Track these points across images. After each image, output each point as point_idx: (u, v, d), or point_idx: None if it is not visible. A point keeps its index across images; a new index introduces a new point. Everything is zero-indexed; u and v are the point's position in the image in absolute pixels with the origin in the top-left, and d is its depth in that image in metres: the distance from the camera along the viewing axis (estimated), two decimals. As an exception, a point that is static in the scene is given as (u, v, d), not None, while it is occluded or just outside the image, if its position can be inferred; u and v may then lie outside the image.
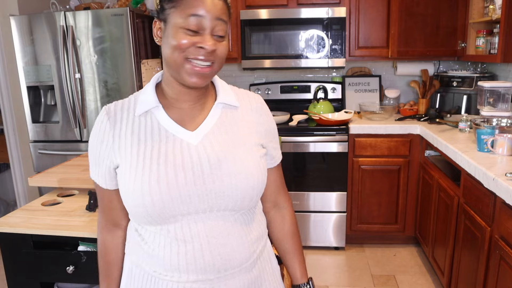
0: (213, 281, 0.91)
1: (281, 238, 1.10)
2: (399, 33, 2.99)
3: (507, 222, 1.62)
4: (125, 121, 0.92)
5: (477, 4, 2.83)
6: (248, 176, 0.90)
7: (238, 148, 0.92)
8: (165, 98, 0.95)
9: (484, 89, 2.40)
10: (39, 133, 3.02)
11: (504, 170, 1.75)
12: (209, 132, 0.92)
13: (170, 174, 0.86)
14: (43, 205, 1.69)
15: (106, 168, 0.94)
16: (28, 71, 2.91)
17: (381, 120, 3.04)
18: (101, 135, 0.93)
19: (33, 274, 1.52)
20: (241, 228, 0.94)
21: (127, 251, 1.01)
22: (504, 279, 1.64)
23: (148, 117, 0.92)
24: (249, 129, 0.97)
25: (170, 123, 0.92)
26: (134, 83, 2.81)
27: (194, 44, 0.84)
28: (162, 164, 0.87)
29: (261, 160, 0.96)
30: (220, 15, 0.85)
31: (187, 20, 0.83)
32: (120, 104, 0.96)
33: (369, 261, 2.94)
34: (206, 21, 0.84)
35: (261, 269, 1.01)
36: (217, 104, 0.96)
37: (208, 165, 0.88)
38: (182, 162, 0.88)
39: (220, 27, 0.86)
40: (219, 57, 0.87)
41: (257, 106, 1.01)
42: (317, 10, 2.97)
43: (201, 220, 0.89)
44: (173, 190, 0.86)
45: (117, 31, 2.75)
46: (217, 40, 0.86)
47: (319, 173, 2.96)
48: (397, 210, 3.00)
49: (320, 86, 3.31)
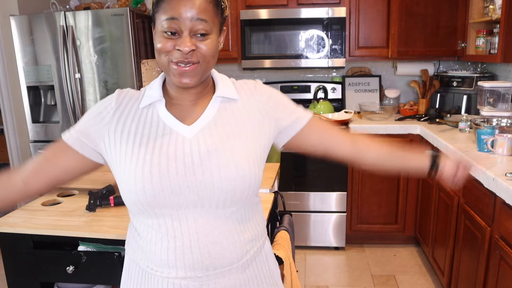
0: (201, 278, 0.91)
1: (375, 157, 1.07)
2: (399, 33, 2.99)
3: (507, 222, 1.62)
4: (129, 108, 0.96)
5: (477, 4, 2.83)
6: (237, 167, 0.90)
7: (232, 139, 0.93)
8: (168, 95, 0.98)
9: (484, 89, 2.40)
10: (39, 133, 3.02)
11: (504, 170, 1.75)
12: (205, 126, 0.93)
13: (162, 164, 0.88)
14: (43, 205, 1.69)
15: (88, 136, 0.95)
16: (28, 71, 2.91)
17: (381, 120, 3.04)
18: (102, 108, 0.96)
19: (33, 274, 1.52)
20: (233, 227, 0.94)
21: (126, 248, 1.02)
22: (504, 279, 1.64)
23: (150, 110, 0.95)
24: (250, 118, 0.97)
25: (169, 117, 0.94)
26: (134, 83, 2.81)
27: (174, 47, 0.86)
28: (156, 155, 0.89)
29: (258, 151, 0.95)
30: (199, 15, 0.85)
31: (165, 24, 0.85)
32: (131, 92, 1.00)
33: (369, 261, 2.94)
34: (183, 23, 0.85)
35: (256, 271, 1.00)
36: (215, 98, 0.97)
37: (198, 157, 0.89)
38: (175, 154, 0.90)
39: (201, 26, 0.85)
40: (204, 55, 0.87)
41: (254, 90, 1.01)
42: (317, 10, 2.97)
43: (192, 216, 0.90)
44: (164, 180, 0.87)
45: (117, 31, 2.75)
46: (198, 39, 0.86)
47: (319, 173, 2.96)
48: (397, 210, 3.00)
49: (320, 86, 3.31)
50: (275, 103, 1.01)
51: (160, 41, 0.87)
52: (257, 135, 0.96)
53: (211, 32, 0.88)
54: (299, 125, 1.01)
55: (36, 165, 0.98)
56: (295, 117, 1.02)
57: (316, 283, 2.66)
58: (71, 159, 0.97)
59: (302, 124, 1.02)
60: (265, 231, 1.05)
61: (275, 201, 1.85)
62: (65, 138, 0.97)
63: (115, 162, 0.93)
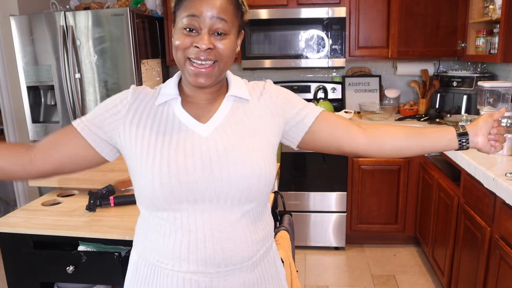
0: (212, 274, 0.92)
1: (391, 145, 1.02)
2: (399, 33, 2.99)
3: (507, 222, 1.62)
4: (145, 104, 0.97)
5: (477, 4, 2.83)
6: (254, 165, 0.91)
7: (247, 138, 0.94)
8: (183, 93, 0.99)
9: (484, 89, 2.40)
10: (39, 133, 3.01)
11: (504, 170, 1.75)
12: (219, 125, 0.94)
13: (180, 160, 0.89)
14: (43, 205, 1.69)
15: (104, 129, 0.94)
16: (28, 71, 2.91)
17: (381, 120, 3.04)
18: (118, 102, 0.97)
19: (33, 274, 1.52)
20: (246, 226, 0.94)
21: (134, 243, 1.02)
22: (504, 279, 1.64)
23: (166, 108, 0.96)
24: (261, 117, 0.98)
25: (184, 115, 0.95)
26: (134, 83, 2.81)
27: (192, 44, 0.87)
28: (173, 150, 0.90)
29: (270, 150, 0.96)
30: (219, 14, 0.86)
31: (185, 21, 0.87)
32: (147, 90, 1.01)
33: (369, 261, 2.94)
34: (202, 21, 0.86)
35: (264, 271, 1.01)
36: (228, 96, 0.98)
37: (216, 154, 0.90)
38: (192, 151, 0.90)
39: (220, 26, 0.87)
40: (221, 54, 0.89)
41: (263, 90, 1.02)
42: (317, 10, 2.97)
43: (207, 211, 0.90)
44: (182, 175, 0.88)
45: (117, 31, 2.75)
46: (217, 38, 0.88)
47: (319, 173, 2.96)
48: (397, 210, 3.01)
49: (320, 86, 3.31)
50: (284, 102, 1.01)
51: (179, 38, 0.88)
52: (269, 134, 0.98)
53: (230, 33, 0.89)
54: (309, 121, 1.00)
55: (45, 146, 0.96)
56: (304, 113, 1.01)
57: (316, 283, 2.66)
58: (78, 147, 0.95)
59: (311, 120, 1.00)
60: (272, 232, 1.06)
61: (275, 201, 1.85)
62: (76, 124, 0.96)
63: (131, 156, 0.93)
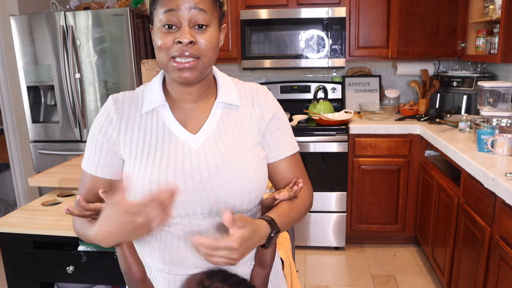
0: None
1: None
2: (399, 33, 2.99)
3: (507, 222, 1.62)
4: (133, 116, 0.94)
5: (477, 4, 2.83)
6: (247, 182, 0.90)
7: (237, 152, 0.92)
8: (170, 97, 0.96)
9: (484, 89, 2.40)
10: (39, 133, 3.01)
11: (504, 170, 1.75)
12: (209, 136, 0.92)
13: (170, 179, 0.87)
14: (43, 205, 1.69)
15: (106, 155, 0.93)
16: (28, 71, 2.91)
17: (381, 120, 3.04)
18: (106, 124, 0.93)
19: (33, 274, 1.52)
20: None
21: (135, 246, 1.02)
22: (504, 279, 1.64)
23: (155, 116, 0.94)
24: (250, 129, 0.96)
25: (174, 124, 0.93)
26: (134, 83, 2.81)
27: (174, 41, 0.84)
28: (163, 168, 0.88)
29: (261, 163, 0.95)
30: (197, 4, 0.84)
31: (163, 17, 0.84)
32: (129, 96, 0.97)
33: (369, 261, 2.94)
34: (181, 14, 0.83)
35: None
36: (217, 103, 0.96)
37: (207, 171, 0.89)
38: (183, 168, 0.88)
39: (200, 17, 0.84)
40: (203, 49, 0.86)
41: (260, 101, 0.99)
42: (317, 10, 2.97)
43: (199, 221, 0.90)
44: None
45: (117, 31, 2.75)
46: (198, 32, 0.85)
47: (319, 173, 2.96)
48: (397, 210, 3.00)
49: (320, 86, 3.31)
50: (275, 128, 0.99)
51: (160, 38, 0.85)
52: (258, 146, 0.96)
53: (210, 24, 0.87)
54: (280, 156, 0.99)
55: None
56: (282, 150, 0.99)
57: (316, 283, 2.66)
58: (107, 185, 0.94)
59: (281, 157, 0.99)
60: None
61: (275, 201, 1.84)
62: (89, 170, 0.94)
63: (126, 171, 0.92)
